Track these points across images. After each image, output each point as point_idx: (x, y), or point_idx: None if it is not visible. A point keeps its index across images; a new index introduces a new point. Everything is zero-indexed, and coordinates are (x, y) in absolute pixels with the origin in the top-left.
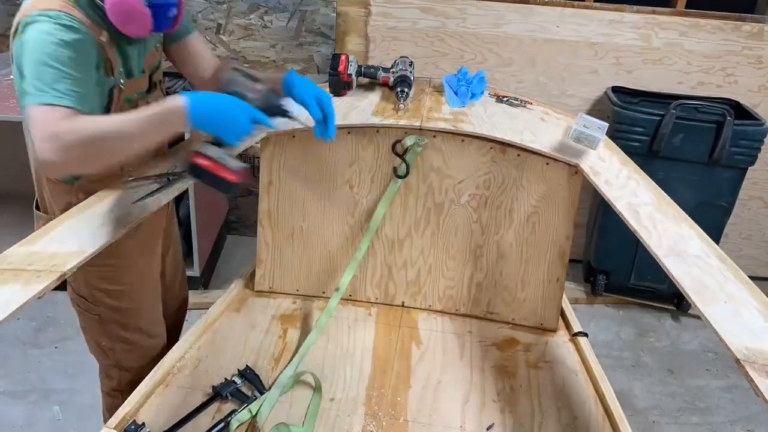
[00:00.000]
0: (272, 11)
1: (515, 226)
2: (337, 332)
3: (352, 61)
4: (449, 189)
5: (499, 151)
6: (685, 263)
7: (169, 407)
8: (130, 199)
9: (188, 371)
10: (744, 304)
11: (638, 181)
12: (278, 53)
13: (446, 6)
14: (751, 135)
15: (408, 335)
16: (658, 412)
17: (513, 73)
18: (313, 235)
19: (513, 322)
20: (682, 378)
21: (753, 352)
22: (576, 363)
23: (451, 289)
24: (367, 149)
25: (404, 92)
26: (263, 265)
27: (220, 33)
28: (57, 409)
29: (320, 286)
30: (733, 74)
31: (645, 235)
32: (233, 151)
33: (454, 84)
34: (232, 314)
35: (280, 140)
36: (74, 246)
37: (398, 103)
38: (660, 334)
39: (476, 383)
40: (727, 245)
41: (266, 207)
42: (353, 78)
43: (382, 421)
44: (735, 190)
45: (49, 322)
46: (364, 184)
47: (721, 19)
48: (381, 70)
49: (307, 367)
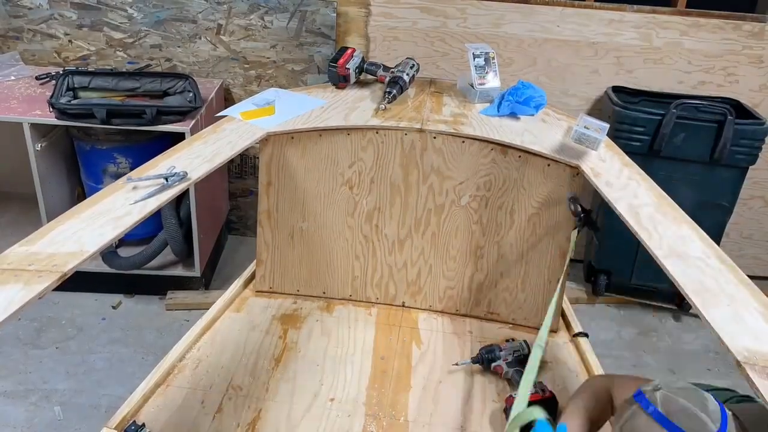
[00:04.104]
0: (272, 11)
1: (516, 227)
2: (337, 332)
3: (356, 56)
4: (450, 190)
5: (499, 153)
6: (685, 265)
7: (169, 407)
8: (130, 199)
9: (188, 371)
10: (744, 306)
11: (639, 182)
12: (278, 53)
13: (446, 6)
14: (751, 134)
15: (408, 335)
16: None
17: (513, 73)
18: (313, 235)
19: (513, 322)
20: (683, 378)
21: (753, 353)
22: (576, 363)
23: (452, 290)
24: (366, 150)
25: (390, 93)
26: (263, 266)
27: (220, 33)
28: (58, 409)
29: (320, 287)
30: (734, 74)
31: (645, 236)
32: None
33: (507, 93)
34: (232, 314)
35: (280, 141)
36: (74, 246)
37: (381, 102)
38: (661, 334)
39: (476, 384)
40: (728, 245)
41: (266, 207)
42: (351, 72)
43: (383, 421)
44: (736, 190)
45: (50, 322)
46: (363, 185)
47: (721, 18)
48: (382, 68)
49: (308, 368)
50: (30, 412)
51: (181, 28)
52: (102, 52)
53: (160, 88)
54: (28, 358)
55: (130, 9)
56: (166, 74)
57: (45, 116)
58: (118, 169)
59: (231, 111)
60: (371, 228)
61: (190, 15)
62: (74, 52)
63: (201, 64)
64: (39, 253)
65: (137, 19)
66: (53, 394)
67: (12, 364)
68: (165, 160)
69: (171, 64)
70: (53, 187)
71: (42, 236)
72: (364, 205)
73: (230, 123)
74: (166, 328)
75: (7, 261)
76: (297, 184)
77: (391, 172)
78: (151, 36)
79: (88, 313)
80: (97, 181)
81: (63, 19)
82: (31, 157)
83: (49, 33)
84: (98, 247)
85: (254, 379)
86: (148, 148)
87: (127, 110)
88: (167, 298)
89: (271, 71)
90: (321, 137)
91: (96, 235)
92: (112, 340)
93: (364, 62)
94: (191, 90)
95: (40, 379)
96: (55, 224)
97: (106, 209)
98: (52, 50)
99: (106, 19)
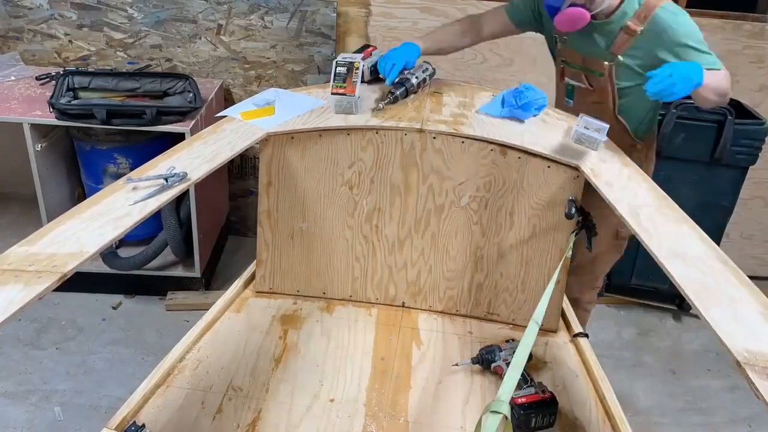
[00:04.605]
0: (273, 12)
1: (516, 227)
2: (337, 332)
3: (375, 55)
4: (450, 190)
5: (499, 153)
6: (685, 265)
7: (170, 408)
8: (130, 200)
9: (188, 372)
10: (744, 306)
11: (639, 183)
12: (278, 53)
13: (446, 6)
14: (752, 134)
15: (408, 336)
16: (660, 413)
17: (513, 73)
18: (313, 235)
19: (513, 322)
20: (683, 378)
21: (753, 354)
22: (576, 364)
23: (452, 290)
24: (366, 150)
25: (392, 95)
26: (263, 266)
27: (220, 33)
28: (58, 410)
29: (320, 287)
30: (734, 74)
31: (645, 237)
32: None
33: (509, 96)
34: (232, 315)
35: (280, 141)
36: (74, 247)
37: (379, 102)
38: (661, 334)
39: (476, 384)
40: (728, 245)
41: (266, 207)
42: (365, 70)
43: (383, 422)
44: (736, 190)
45: (50, 323)
46: (363, 185)
47: (721, 19)
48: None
49: (308, 368)
50: (30, 413)
51: (181, 29)
52: (102, 53)
53: (160, 88)
54: (29, 359)
55: (130, 9)
56: (166, 74)
57: (45, 116)
58: (118, 170)
59: (231, 111)
60: (371, 228)
61: (190, 15)
62: (74, 53)
63: (201, 64)
64: (39, 253)
65: (137, 19)
66: (53, 395)
67: (12, 364)
68: (165, 160)
69: (171, 65)
70: (53, 188)
71: (42, 237)
72: (363, 206)
73: (230, 123)
74: (166, 329)
75: (7, 261)
76: (297, 185)
77: (390, 172)
78: (151, 36)
79: (88, 313)
80: (97, 182)
81: (63, 19)
82: (31, 157)
83: (49, 33)
84: (98, 248)
85: (254, 379)
86: (148, 149)
87: (127, 110)
88: (167, 298)
89: (271, 71)
90: (321, 137)
91: (96, 235)
92: (112, 341)
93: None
94: (191, 90)
95: (41, 379)
96: (55, 225)
97: (106, 210)
98: (53, 50)
99: (106, 19)
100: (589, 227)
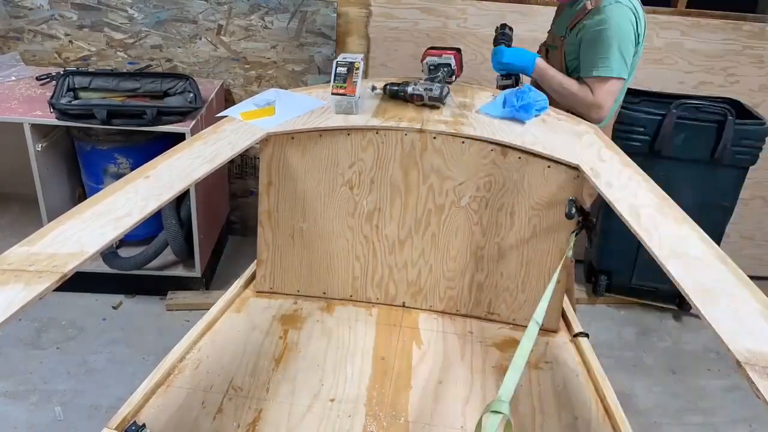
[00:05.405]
0: (273, 12)
1: (516, 227)
2: (337, 332)
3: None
4: (450, 190)
5: (500, 154)
6: (685, 265)
7: (170, 408)
8: (130, 200)
9: (189, 372)
10: (745, 306)
11: (639, 183)
12: (279, 54)
13: (447, 6)
14: (752, 134)
15: (409, 335)
16: (660, 413)
17: None
18: (313, 235)
19: (514, 322)
20: (683, 378)
21: (754, 354)
22: (577, 364)
23: (452, 290)
24: (367, 150)
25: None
26: (264, 266)
27: (220, 34)
28: (59, 410)
29: (321, 287)
30: (735, 74)
31: (646, 237)
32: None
33: (510, 96)
34: (232, 315)
35: (280, 141)
36: (75, 247)
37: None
38: (662, 334)
39: (477, 384)
40: (728, 245)
41: (266, 207)
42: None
43: (383, 422)
44: (736, 190)
45: (50, 323)
46: (363, 185)
47: (722, 19)
48: (410, 85)
49: (308, 368)
50: (30, 413)
51: (182, 29)
52: (102, 53)
53: (160, 88)
54: (29, 359)
55: (131, 9)
56: (167, 75)
57: (45, 117)
58: (118, 170)
59: (231, 111)
60: (371, 228)
61: (190, 15)
62: (75, 53)
63: (201, 64)
64: (39, 253)
65: (138, 19)
66: (54, 395)
67: (12, 364)
68: (165, 160)
69: (171, 65)
70: (54, 188)
71: (42, 237)
72: (364, 206)
73: (230, 123)
74: (167, 329)
75: (7, 261)
76: (297, 185)
77: (391, 172)
78: (152, 36)
79: (88, 313)
80: (97, 182)
81: (63, 19)
82: (31, 157)
83: (49, 33)
84: (99, 248)
85: (254, 379)
86: (149, 149)
87: (128, 111)
88: (168, 298)
89: (272, 72)
90: (321, 137)
91: (96, 235)
92: (112, 341)
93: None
94: (191, 90)
95: (41, 379)
96: (55, 225)
97: (106, 210)
98: (53, 51)
99: (106, 19)
100: (589, 227)
